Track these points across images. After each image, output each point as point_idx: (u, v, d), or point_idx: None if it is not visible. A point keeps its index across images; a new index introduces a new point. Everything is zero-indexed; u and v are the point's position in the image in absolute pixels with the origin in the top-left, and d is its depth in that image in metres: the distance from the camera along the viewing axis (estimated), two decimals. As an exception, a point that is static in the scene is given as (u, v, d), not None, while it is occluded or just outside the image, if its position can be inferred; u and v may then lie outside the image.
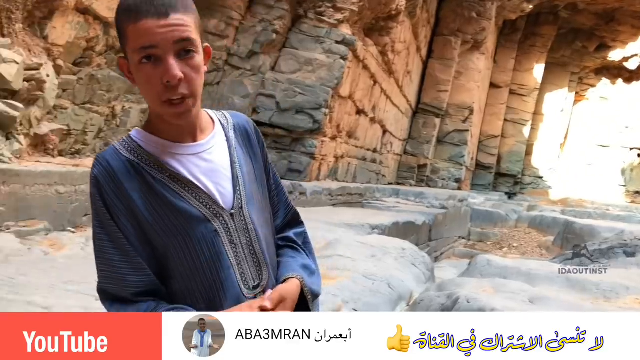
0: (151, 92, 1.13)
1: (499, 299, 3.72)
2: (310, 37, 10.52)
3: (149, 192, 1.17)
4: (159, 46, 1.10)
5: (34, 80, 6.27)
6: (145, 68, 1.12)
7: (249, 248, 1.24)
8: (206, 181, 1.21)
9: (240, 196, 1.24)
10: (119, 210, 1.16)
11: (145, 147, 1.20)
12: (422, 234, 10.74)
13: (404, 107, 17.88)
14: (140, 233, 1.17)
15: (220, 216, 1.21)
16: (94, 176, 1.18)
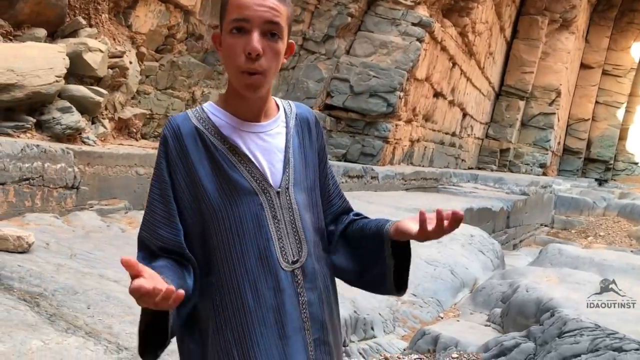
0: (233, 61, 1.24)
1: (561, 289, 3.61)
2: (386, 20, 10.43)
3: (208, 159, 1.27)
4: (250, 20, 1.22)
5: (117, 67, 6.65)
6: (233, 38, 1.23)
7: (292, 225, 1.31)
8: (260, 158, 1.30)
9: (289, 177, 1.32)
10: (179, 169, 1.27)
11: (212, 119, 1.31)
12: (499, 220, 10.46)
13: (486, 89, 17.35)
14: (193, 194, 1.27)
15: (267, 192, 1.29)
16: (163, 135, 1.29)
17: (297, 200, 1.33)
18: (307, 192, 1.37)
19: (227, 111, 1.32)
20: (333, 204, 1.45)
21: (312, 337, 1.29)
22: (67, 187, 4.97)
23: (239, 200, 1.27)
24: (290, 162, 1.33)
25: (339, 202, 1.46)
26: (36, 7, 5.95)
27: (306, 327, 1.29)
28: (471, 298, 4.51)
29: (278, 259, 1.28)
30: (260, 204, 1.28)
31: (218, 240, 1.27)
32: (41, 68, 5.33)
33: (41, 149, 4.76)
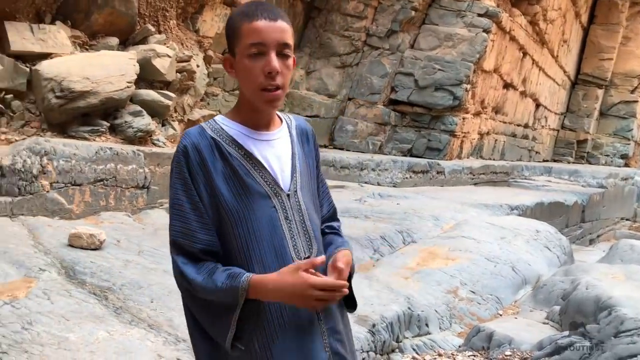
0: (252, 81, 1.37)
1: (623, 287, 3.49)
2: (451, 12, 10.26)
3: (224, 167, 1.39)
4: (266, 44, 1.35)
5: (185, 71, 6.95)
6: (251, 60, 1.36)
7: (302, 225, 1.44)
8: (272, 164, 1.44)
9: (296, 182, 1.47)
10: (200, 177, 1.38)
11: (226, 130, 1.43)
12: (573, 215, 10.09)
13: (560, 79, 16.69)
14: (213, 199, 1.38)
15: (279, 195, 1.42)
16: (183, 146, 1.39)
17: (305, 202, 1.47)
18: (312, 195, 1.52)
19: (239, 122, 1.45)
20: (322, 209, 1.60)
21: (325, 326, 1.41)
22: (138, 187, 5.27)
23: (254, 204, 1.39)
24: (297, 168, 1.47)
25: (326, 208, 1.62)
26: (109, 18, 6.32)
27: (320, 317, 1.41)
28: (532, 295, 4.43)
29: (292, 256, 1.40)
30: (274, 206, 1.41)
31: (237, 242, 1.39)
32: (114, 75, 5.66)
33: (114, 152, 5.07)
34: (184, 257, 1.37)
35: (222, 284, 1.32)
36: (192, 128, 1.45)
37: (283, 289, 1.31)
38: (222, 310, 1.35)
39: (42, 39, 5.59)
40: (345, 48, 10.22)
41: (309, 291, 1.29)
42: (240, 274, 1.33)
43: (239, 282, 1.32)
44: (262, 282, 1.33)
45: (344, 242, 1.55)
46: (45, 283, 3.11)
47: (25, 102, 5.41)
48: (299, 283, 1.30)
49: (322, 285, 1.31)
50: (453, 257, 4.81)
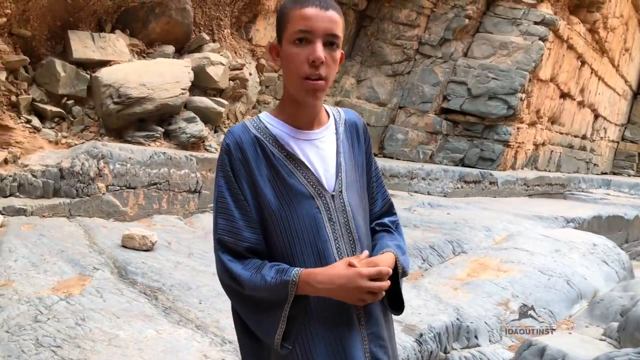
0: (295, 69, 1.32)
1: (687, 305, 3.30)
2: (506, 20, 10.08)
3: (267, 166, 1.36)
4: (314, 32, 1.30)
5: (238, 79, 7.07)
6: (296, 47, 1.31)
7: (346, 227, 1.40)
8: (316, 164, 1.39)
9: (341, 181, 1.41)
10: (242, 175, 1.35)
11: (270, 128, 1.39)
12: (634, 229, 9.67)
13: (621, 89, 16.10)
14: (255, 198, 1.35)
15: (323, 196, 1.38)
16: (226, 144, 1.37)
17: (350, 202, 1.41)
18: (359, 195, 1.46)
19: (282, 120, 1.41)
20: (375, 205, 1.54)
21: (366, 332, 1.36)
22: (190, 191, 5.37)
23: (297, 204, 1.35)
24: (342, 167, 1.42)
25: (380, 204, 1.56)
26: (166, 27, 6.50)
27: (361, 322, 1.36)
28: (588, 310, 4.25)
29: (335, 258, 1.35)
30: (317, 207, 1.37)
31: (279, 242, 1.36)
32: (169, 82, 5.81)
33: (167, 156, 5.20)
34: (229, 254, 1.34)
35: (272, 278, 1.29)
36: (235, 125, 1.43)
37: (334, 281, 1.28)
38: (270, 307, 1.31)
39: (102, 47, 5.80)
40: (397, 56, 10.17)
41: (361, 282, 1.26)
42: (289, 269, 1.31)
43: (289, 276, 1.29)
44: (312, 274, 1.30)
45: (390, 243, 1.47)
46: (98, 281, 3.20)
47: (85, 108, 5.62)
48: (351, 273, 1.27)
49: (373, 274, 1.27)
50: (505, 269, 4.68)
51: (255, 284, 1.30)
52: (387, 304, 1.43)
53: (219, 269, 1.37)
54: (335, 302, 1.32)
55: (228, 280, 1.34)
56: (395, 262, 1.40)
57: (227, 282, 1.35)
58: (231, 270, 1.32)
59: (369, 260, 1.32)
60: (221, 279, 1.37)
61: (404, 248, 1.50)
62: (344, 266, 1.29)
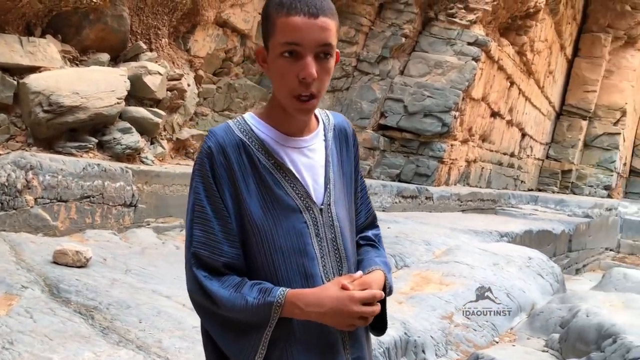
0: (284, 85, 1.20)
1: (624, 315, 3.43)
2: (441, 39, 10.36)
3: (253, 174, 1.24)
4: (303, 44, 1.17)
5: (176, 89, 6.87)
6: (284, 61, 1.19)
7: (333, 243, 1.29)
8: (305, 175, 1.28)
9: (330, 194, 1.31)
10: (224, 182, 1.22)
11: (256, 132, 1.27)
12: (560, 243, 10.08)
13: (546, 109, 16.90)
14: (237, 208, 1.23)
15: (311, 209, 1.27)
16: (208, 146, 1.23)
17: (339, 217, 1.31)
18: (346, 208, 1.36)
19: (270, 124, 1.29)
20: (360, 217, 1.45)
21: (351, 356, 1.28)
22: (126, 205, 5.13)
23: (283, 218, 1.24)
24: (330, 178, 1.32)
25: (364, 216, 1.46)
26: (101, 33, 6.24)
27: (346, 346, 1.27)
28: (528, 322, 4.34)
29: (321, 277, 1.25)
30: (305, 221, 1.26)
31: (261, 258, 1.24)
32: (104, 91, 5.56)
33: (101, 168, 4.94)
34: (205, 270, 1.21)
35: (254, 299, 1.17)
36: (217, 127, 1.29)
37: (325, 304, 1.16)
38: (249, 330, 1.19)
39: (31, 52, 5.48)
40: (336, 72, 10.21)
41: (354, 306, 1.16)
42: (273, 289, 1.19)
43: (273, 297, 1.17)
44: (300, 295, 1.18)
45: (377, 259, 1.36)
46: (27, 301, 2.96)
47: (11, 116, 5.28)
48: (344, 297, 1.16)
49: (367, 298, 1.17)
50: (447, 282, 4.72)
51: (234, 304, 1.18)
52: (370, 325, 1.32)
53: (191, 285, 1.23)
54: (320, 325, 1.21)
55: (201, 298, 1.21)
56: (385, 281, 1.31)
57: (200, 300, 1.22)
58: (207, 288, 1.19)
59: (361, 282, 1.22)
60: (193, 297, 1.24)
61: (389, 265, 1.42)
62: (336, 288, 1.18)
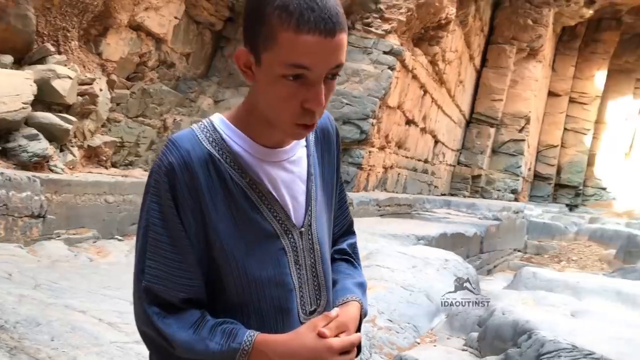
0: (284, 111, 1.00)
1: (537, 312, 3.60)
2: (358, 48, 10.55)
3: (223, 194, 1.05)
4: (315, 70, 0.96)
5: (87, 94, 6.56)
6: (287, 85, 0.97)
7: (312, 270, 1.14)
8: (284, 193, 1.10)
9: (311, 213, 1.14)
10: (188, 205, 1.03)
11: (229, 143, 1.07)
12: (473, 245, 10.49)
13: (457, 117, 17.62)
14: (202, 234, 1.05)
15: (290, 233, 1.10)
16: (169, 162, 1.02)
17: (320, 239, 1.15)
18: (327, 224, 1.20)
19: (245, 134, 1.08)
20: (336, 225, 1.29)
21: None
22: (33, 216, 4.82)
23: (258, 245, 1.07)
24: (312, 194, 1.15)
25: (341, 224, 1.30)
26: (3, 34, 5.86)
27: None
28: (447, 323, 4.47)
29: (298, 311, 1.12)
30: (283, 247, 1.10)
31: (230, 289, 1.07)
32: (7, 95, 5.22)
33: (5, 177, 4.62)
34: (158, 307, 1.04)
35: (217, 344, 1.01)
36: (181, 134, 1.06)
37: (298, 354, 1.01)
38: None
39: None
40: (255, 79, 10.18)
41: (331, 358, 1.01)
42: (239, 332, 1.03)
43: (239, 343, 1.02)
44: (270, 342, 1.03)
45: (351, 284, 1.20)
46: None
47: None
48: (321, 347, 1.01)
49: (345, 347, 1.03)
50: (369, 286, 4.76)
51: (192, 348, 1.02)
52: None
53: (141, 322, 1.07)
54: None
55: (153, 334, 1.05)
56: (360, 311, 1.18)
57: (151, 335, 1.06)
58: (162, 329, 1.03)
59: (339, 324, 1.05)
60: (143, 332, 1.08)
61: (365, 284, 1.28)
62: (312, 336, 1.02)
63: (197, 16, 9.45)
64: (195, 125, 1.10)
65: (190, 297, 1.06)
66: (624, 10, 21.96)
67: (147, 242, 1.05)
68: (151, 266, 1.05)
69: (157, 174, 1.04)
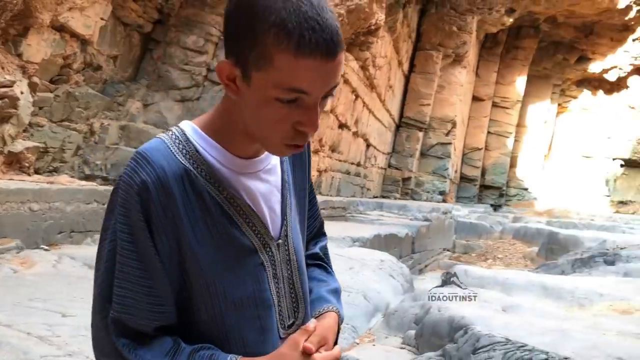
0: (275, 132, 0.95)
1: (470, 308, 3.71)
2: (290, 52, 10.57)
3: (201, 212, 0.98)
4: (312, 94, 0.90)
5: (6, 97, 6.23)
6: (280, 107, 0.91)
7: (289, 282, 1.09)
8: (261, 206, 1.05)
9: (287, 223, 1.09)
10: (162, 226, 0.96)
11: (204, 155, 1.00)
12: (405, 246, 10.73)
13: (387, 121, 17.97)
14: (177, 256, 0.98)
15: (268, 246, 1.06)
16: (141, 181, 0.94)
17: (295, 248, 1.11)
18: (301, 233, 1.16)
19: (220, 144, 1.02)
20: (308, 226, 1.24)
21: None
22: (-51, 227, 4.53)
23: (236, 262, 1.01)
24: (287, 201, 1.10)
25: (312, 226, 1.26)
26: None
27: None
28: (385, 322, 4.54)
29: (277, 326, 1.07)
30: (262, 262, 1.05)
31: (207, 311, 1.01)
32: None
33: None
34: (128, 339, 0.96)
35: None
36: (152, 147, 0.97)
37: None
38: None
39: None
40: (185, 82, 9.99)
41: None
42: (219, 357, 0.97)
43: None
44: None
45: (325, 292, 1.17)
46: None
47: None
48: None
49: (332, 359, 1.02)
50: (307, 289, 4.78)
51: None
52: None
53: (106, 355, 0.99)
54: None
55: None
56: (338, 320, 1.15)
57: None
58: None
59: (319, 339, 1.02)
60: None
61: (339, 290, 1.24)
62: (296, 355, 0.98)
63: (124, 17, 9.18)
64: (164, 136, 1.02)
65: (163, 325, 0.99)
66: (541, 19, 23.14)
67: (114, 267, 0.97)
68: (120, 295, 0.96)
69: (127, 193, 0.95)
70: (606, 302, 4.50)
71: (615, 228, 17.79)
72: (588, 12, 22.06)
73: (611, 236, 13.10)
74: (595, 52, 24.72)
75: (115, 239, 0.96)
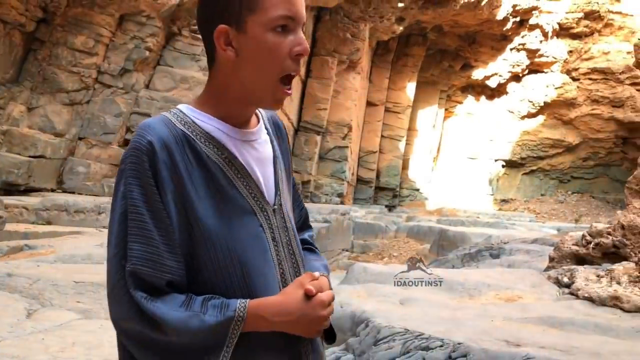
0: (275, 64, 1.07)
1: (371, 303, 3.86)
2: (186, 55, 10.41)
3: (201, 172, 1.07)
4: (297, 18, 1.08)
5: None
6: (275, 37, 1.07)
7: (288, 247, 1.17)
8: (257, 171, 1.14)
9: (280, 192, 1.18)
10: (168, 185, 1.04)
11: (200, 124, 1.10)
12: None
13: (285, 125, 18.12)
14: (183, 215, 1.05)
15: (265, 211, 1.14)
16: (148, 141, 1.03)
17: (290, 217, 1.21)
18: (291, 207, 1.26)
19: (214, 116, 1.12)
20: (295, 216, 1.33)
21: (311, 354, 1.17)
22: None
23: (238, 222, 1.09)
24: (280, 175, 1.20)
25: (298, 215, 1.36)
26: None
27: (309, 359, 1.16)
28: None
29: (280, 288, 1.12)
30: (260, 224, 1.12)
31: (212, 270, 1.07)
32: None
33: None
34: (144, 291, 1.01)
35: (211, 317, 1.00)
36: (152, 120, 1.08)
37: (293, 312, 1.05)
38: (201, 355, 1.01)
39: None
40: (74, 84, 9.54)
41: (322, 311, 1.07)
42: (230, 302, 1.03)
43: (233, 311, 1.01)
44: (263, 305, 1.04)
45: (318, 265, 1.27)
46: None
47: None
48: (313, 302, 1.07)
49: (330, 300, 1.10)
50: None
51: (187, 326, 1.00)
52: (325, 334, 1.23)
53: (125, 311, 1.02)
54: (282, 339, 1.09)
55: (140, 325, 1.01)
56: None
57: (137, 328, 1.01)
58: (151, 311, 1.00)
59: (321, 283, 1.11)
60: (124, 325, 1.03)
61: (329, 268, 1.34)
62: (300, 293, 1.07)
63: (4, 15, 8.62)
64: (164, 113, 1.13)
65: (175, 280, 1.04)
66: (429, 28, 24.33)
67: (131, 225, 1.03)
68: (136, 249, 1.02)
69: (135, 156, 1.04)
70: (493, 292, 4.83)
71: (498, 224, 19.06)
72: (470, 22, 23.51)
73: (495, 232, 14.05)
74: (478, 60, 26.37)
75: (125, 202, 1.03)
